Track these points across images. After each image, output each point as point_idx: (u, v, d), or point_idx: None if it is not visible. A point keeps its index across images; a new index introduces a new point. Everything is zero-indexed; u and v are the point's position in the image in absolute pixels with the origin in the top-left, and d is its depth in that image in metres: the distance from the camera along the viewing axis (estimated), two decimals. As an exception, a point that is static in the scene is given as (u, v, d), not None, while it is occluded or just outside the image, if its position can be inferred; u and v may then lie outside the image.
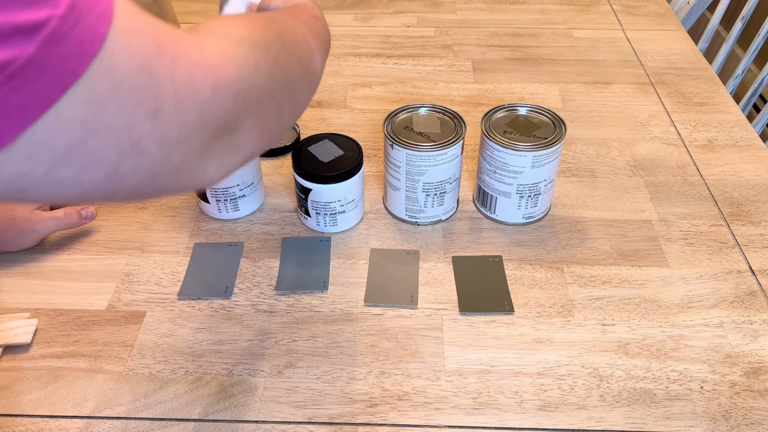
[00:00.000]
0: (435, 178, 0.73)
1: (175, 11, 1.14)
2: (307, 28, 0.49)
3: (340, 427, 0.58)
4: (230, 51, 0.37)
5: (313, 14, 0.53)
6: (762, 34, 1.25)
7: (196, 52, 0.33)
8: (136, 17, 0.30)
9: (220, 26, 0.41)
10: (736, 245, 0.75)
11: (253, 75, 0.38)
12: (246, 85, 0.37)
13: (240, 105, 0.37)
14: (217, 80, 0.34)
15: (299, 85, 0.45)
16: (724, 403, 0.59)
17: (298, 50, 0.46)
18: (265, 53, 0.40)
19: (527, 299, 0.69)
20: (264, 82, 0.39)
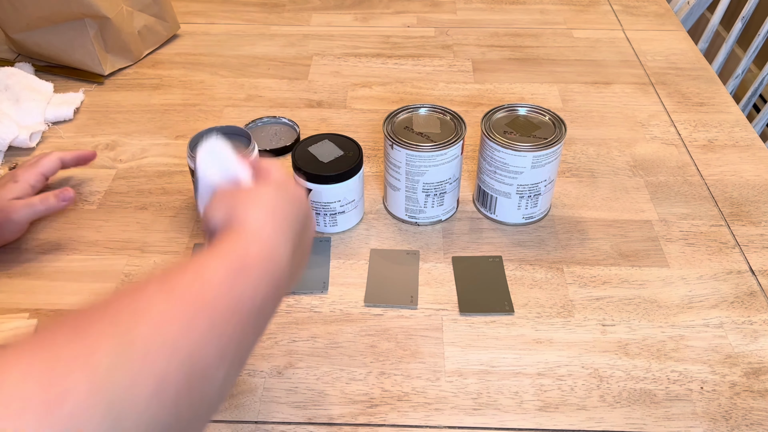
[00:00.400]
0: (435, 178, 0.72)
1: (174, 11, 1.14)
2: (261, 284, 0.37)
3: (340, 427, 0.58)
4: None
5: (247, 261, 0.38)
6: (762, 34, 1.25)
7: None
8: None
9: (51, 376, 0.26)
10: (736, 245, 0.75)
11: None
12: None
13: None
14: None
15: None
16: (724, 403, 0.59)
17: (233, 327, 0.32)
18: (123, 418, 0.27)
19: (527, 299, 0.69)
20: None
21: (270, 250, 0.42)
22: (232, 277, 0.38)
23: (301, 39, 1.15)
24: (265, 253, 0.41)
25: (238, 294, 0.37)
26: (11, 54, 1.09)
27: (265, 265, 0.41)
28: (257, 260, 0.40)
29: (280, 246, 0.43)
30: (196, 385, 0.31)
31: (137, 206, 0.80)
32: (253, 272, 0.39)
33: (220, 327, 0.34)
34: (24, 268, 0.73)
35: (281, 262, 0.42)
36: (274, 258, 0.42)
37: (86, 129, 0.93)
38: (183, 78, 1.04)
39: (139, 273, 0.72)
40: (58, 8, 0.96)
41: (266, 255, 0.41)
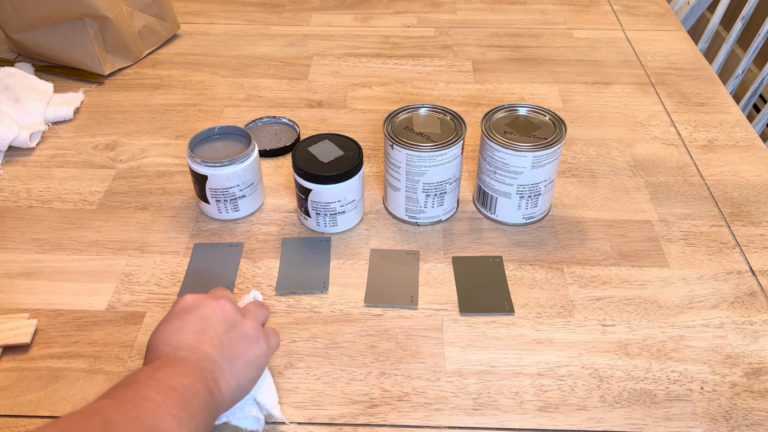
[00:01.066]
0: (435, 178, 0.72)
1: (174, 11, 1.14)
2: (164, 405, 0.43)
3: (340, 427, 0.58)
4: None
5: (175, 381, 0.46)
6: (762, 34, 1.25)
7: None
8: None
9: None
10: (737, 246, 0.75)
11: None
12: None
13: None
14: None
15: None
16: (725, 403, 0.59)
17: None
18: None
19: (527, 300, 0.69)
20: None
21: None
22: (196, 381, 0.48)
23: (301, 39, 1.15)
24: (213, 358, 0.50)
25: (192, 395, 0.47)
26: (11, 54, 1.09)
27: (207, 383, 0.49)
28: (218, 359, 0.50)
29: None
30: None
31: (137, 206, 0.80)
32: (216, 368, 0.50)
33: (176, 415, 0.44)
34: (24, 268, 0.72)
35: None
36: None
37: (86, 129, 0.93)
38: (183, 78, 1.04)
39: (139, 273, 0.72)
40: (58, 8, 0.96)
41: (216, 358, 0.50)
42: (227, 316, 0.53)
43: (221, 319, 0.52)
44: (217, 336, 0.51)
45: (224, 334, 0.52)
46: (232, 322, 0.53)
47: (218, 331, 0.52)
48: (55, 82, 1.01)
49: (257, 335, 0.54)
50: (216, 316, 0.52)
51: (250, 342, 0.53)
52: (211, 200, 0.76)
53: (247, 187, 0.76)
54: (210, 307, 0.53)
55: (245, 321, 0.54)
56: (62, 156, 0.88)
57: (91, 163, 0.87)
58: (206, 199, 0.76)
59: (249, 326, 0.54)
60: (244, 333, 0.53)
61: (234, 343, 0.52)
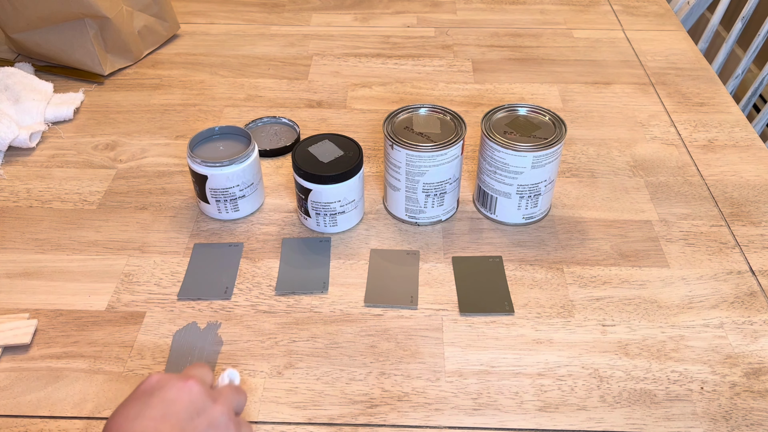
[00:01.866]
0: (435, 178, 0.72)
1: (174, 11, 1.14)
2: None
3: (340, 427, 0.58)
4: None
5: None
6: (762, 34, 1.25)
7: None
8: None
9: None
10: (737, 246, 0.75)
11: None
12: None
13: None
14: None
15: None
16: (725, 403, 0.59)
17: None
18: None
19: (527, 300, 0.69)
20: None
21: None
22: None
23: (301, 39, 1.15)
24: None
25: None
26: (11, 54, 1.09)
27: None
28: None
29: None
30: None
31: (137, 206, 0.80)
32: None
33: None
34: (24, 268, 0.73)
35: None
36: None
37: (86, 129, 0.93)
38: (183, 78, 1.04)
39: (139, 273, 0.72)
40: (58, 8, 0.96)
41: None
42: (194, 400, 0.47)
43: (187, 403, 0.47)
44: (178, 423, 0.46)
45: (188, 422, 0.46)
46: (199, 408, 0.47)
47: (181, 417, 0.46)
48: (55, 82, 1.01)
49: (227, 424, 0.48)
50: (181, 400, 0.47)
51: (217, 431, 0.47)
52: (211, 200, 0.76)
53: (247, 187, 0.76)
54: (176, 388, 0.47)
55: (214, 407, 0.48)
56: (62, 156, 0.88)
57: (91, 163, 0.87)
58: (206, 199, 0.76)
59: (218, 413, 0.48)
60: (212, 421, 0.47)
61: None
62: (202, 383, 0.49)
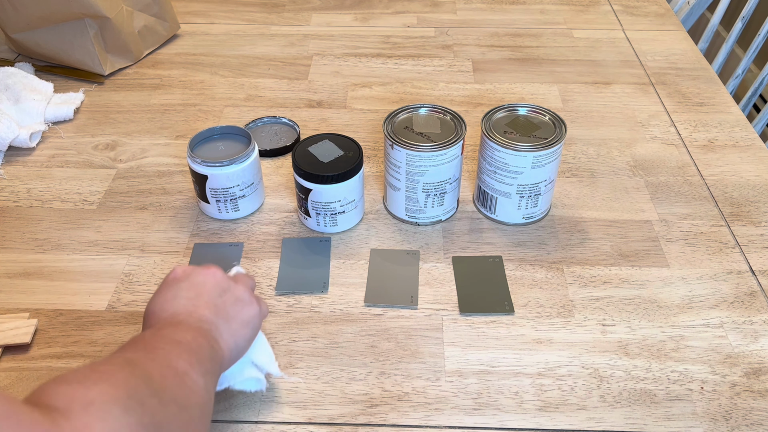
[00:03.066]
0: (435, 178, 0.72)
1: (174, 11, 1.14)
2: (174, 353, 0.46)
3: (340, 427, 0.58)
4: (98, 427, 0.34)
5: (179, 336, 0.48)
6: (762, 34, 1.25)
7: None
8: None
9: (75, 389, 0.37)
10: (737, 245, 0.75)
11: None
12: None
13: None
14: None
15: (187, 427, 0.42)
16: (725, 403, 0.59)
17: (173, 392, 0.43)
18: (139, 414, 0.37)
19: (527, 299, 0.69)
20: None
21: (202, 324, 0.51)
22: (184, 336, 0.49)
23: (301, 39, 1.15)
24: (195, 324, 0.51)
25: (192, 342, 0.49)
26: (11, 54, 1.09)
27: (198, 334, 0.50)
28: (200, 324, 0.51)
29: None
30: (167, 395, 0.43)
31: (137, 206, 0.80)
32: (202, 330, 0.51)
33: (185, 357, 0.47)
34: (24, 268, 0.72)
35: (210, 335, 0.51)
36: (206, 334, 0.51)
37: (86, 129, 0.93)
38: (183, 78, 1.04)
39: (139, 273, 0.72)
40: (58, 8, 0.96)
41: (199, 325, 0.51)
42: (219, 281, 0.54)
43: (213, 284, 0.54)
44: (211, 300, 0.53)
45: (218, 298, 0.53)
46: (224, 287, 0.54)
47: (212, 295, 0.53)
48: (55, 82, 1.01)
49: (249, 298, 0.55)
50: (208, 282, 0.54)
51: (243, 304, 0.54)
52: (211, 200, 0.76)
53: (247, 187, 0.76)
54: (201, 274, 0.54)
55: (237, 285, 0.56)
56: (62, 156, 0.88)
57: (91, 163, 0.87)
58: (206, 199, 0.76)
59: (241, 290, 0.55)
60: (237, 296, 0.55)
61: (228, 306, 0.53)
62: (221, 270, 0.56)
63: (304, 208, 0.75)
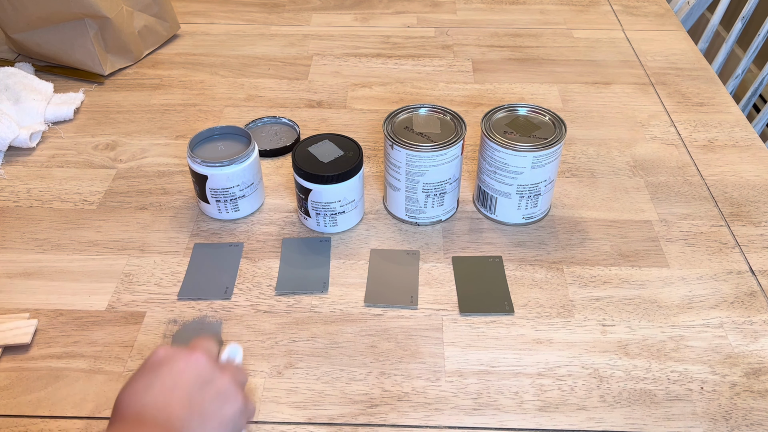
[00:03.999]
0: (435, 178, 0.72)
1: (174, 11, 1.14)
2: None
3: (340, 427, 0.58)
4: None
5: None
6: (762, 34, 1.25)
7: None
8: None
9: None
10: (737, 246, 0.75)
11: None
12: None
13: None
14: None
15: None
16: (725, 403, 0.59)
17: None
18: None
19: (527, 300, 0.69)
20: None
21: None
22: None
23: (301, 39, 1.15)
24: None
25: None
26: (11, 54, 1.09)
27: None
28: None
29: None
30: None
31: (137, 206, 0.80)
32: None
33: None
34: (24, 268, 0.73)
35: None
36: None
37: (86, 129, 0.93)
38: (183, 78, 1.04)
39: (139, 273, 0.72)
40: (58, 8, 0.96)
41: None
42: (201, 372, 0.49)
43: (195, 375, 0.48)
44: (188, 394, 0.47)
45: (197, 392, 0.48)
46: (207, 378, 0.49)
47: (190, 388, 0.47)
48: (55, 82, 1.01)
49: (234, 392, 0.49)
50: (189, 371, 0.48)
51: (225, 399, 0.49)
52: (211, 200, 0.76)
53: (247, 187, 0.76)
54: (183, 361, 0.49)
55: (222, 377, 0.49)
56: (62, 156, 0.88)
57: (91, 163, 0.87)
58: (206, 199, 0.76)
59: (225, 383, 0.49)
60: (219, 389, 0.49)
61: (206, 402, 0.48)
62: (208, 355, 0.50)
63: (304, 208, 0.75)
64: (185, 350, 0.50)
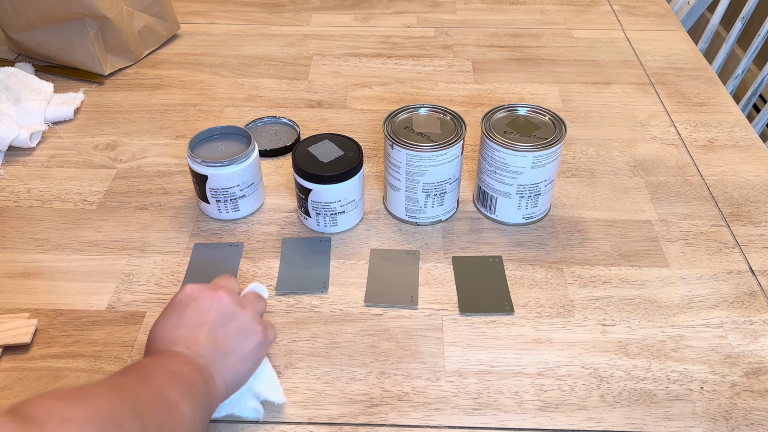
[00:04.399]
0: (435, 178, 0.72)
1: (174, 11, 1.14)
2: (168, 382, 0.47)
3: (340, 427, 0.58)
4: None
5: (175, 367, 0.49)
6: (762, 34, 1.25)
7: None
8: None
9: (56, 405, 0.38)
10: (736, 245, 0.75)
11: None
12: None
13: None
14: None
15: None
16: (724, 403, 0.59)
17: (158, 419, 0.43)
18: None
19: (527, 299, 0.69)
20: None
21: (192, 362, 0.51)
22: (179, 367, 0.50)
23: (301, 39, 1.15)
24: (186, 360, 0.51)
25: (186, 375, 0.50)
26: (11, 54, 1.09)
27: (190, 369, 0.50)
28: (190, 361, 0.51)
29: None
30: (150, 420, 0.43)
31: (137, 206, 0.80)
32: (193, 365, 0.50)
33: (177, 388, 0.48)
34: (24, 268, 0.73)
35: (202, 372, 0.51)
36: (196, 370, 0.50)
37: (86, 129, 0.93)
38: (183, 78, 1.04)
39: (139, 273, 0.72)
40: (58, 8, 0.96)
41: (189, 361, 0.51)
42: (224, 309, 0.54)
43: (218, 313, 0.53)
44: (212, 331, 0.52)
45: (220, 329, 0.53)
46: (229, 316, 0.53)
47: (214, 325, 0.53)
48: (55, 82, 1.01)
49: (255, 327, 0.54)
50: (213, 310, 0.53)
51: (246, 335, 0.54)
52: (211, 200, 0.76)
53: (247, 187, 0.76)
54: (208, 299, 0.54)
55: (243, 313, 0.54)
56: (62, 156, 0.88)
57: (91, 163, 0.87)
58: (206, 199, 0.76)
59: (247, 318, 0.54)
60: (241, 326, 0.54)
61: (229, 338, 0.53)
62: (230, 293, 0.55)
63: (304, 208, 0.75)
64: (209, 288, 0.54)
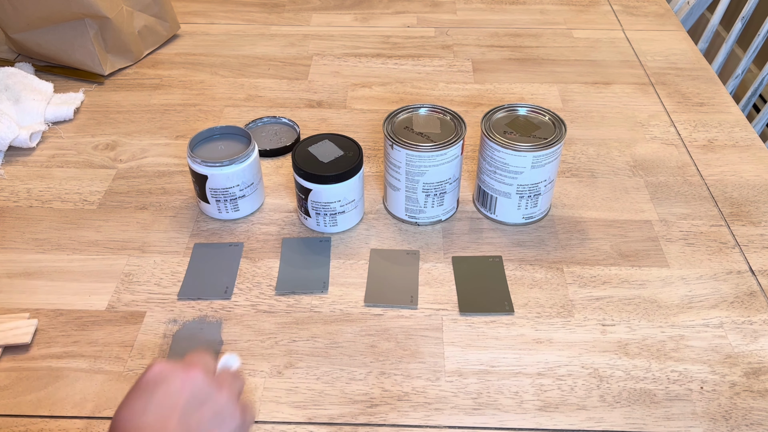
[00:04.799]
0: (435, 178, 0.73)
1: (174, 11, 1.14)
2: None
3: (340, 427, 0.58)
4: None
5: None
6: (762, 34, 1.25)
7: None
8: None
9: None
10: (736, 245, 0.75)
11: None
12: None
13: None
14: None
15: None
16: (724, 403, 0.59)
17: None
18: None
19: (527, 299, 0.69)
20: None
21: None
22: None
23: (301, 39, 1.15)
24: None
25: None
26: (11, 54, 1.09)
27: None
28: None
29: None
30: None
31: (137, 206, 0.80)
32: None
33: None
34: (24, 268, 0.73)
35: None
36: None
37: (86, 129, 0.93)
38: (183, 78, 1.04)
39: (139, 273, 0.72)
40: (58, 8, 0.96)
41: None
42: (198, 391, 0.47)
43: (191, 394, 0.47)
44: (184, 416, 0.46)
45: (193, 413, 0.46)
46: (203, 398, 0.47)
47: (187, 409, 0.46)
48: (55, 82, 1.01)
49: (232, 411, 0.48)
50: (185, 391, 0.47)
51: (222, 419, 0.48)
52: (211, 200, 0.76)
53: (247, 187, 0.76)
54: (179, 379, 0.47)
55: (219, 394, 0.48)
56: (62, 156, 0.88)
57: (91, 163, 0.87)
58: (206, 199, 0.76)
59: (223, 400, 0.48)
60: (217, 409, 0.48)
61: (204, 424, 0.47)
62: (204, 371, 0.49)
63: (304, 208, 0.75)
64: (181, 367, 0.48)
